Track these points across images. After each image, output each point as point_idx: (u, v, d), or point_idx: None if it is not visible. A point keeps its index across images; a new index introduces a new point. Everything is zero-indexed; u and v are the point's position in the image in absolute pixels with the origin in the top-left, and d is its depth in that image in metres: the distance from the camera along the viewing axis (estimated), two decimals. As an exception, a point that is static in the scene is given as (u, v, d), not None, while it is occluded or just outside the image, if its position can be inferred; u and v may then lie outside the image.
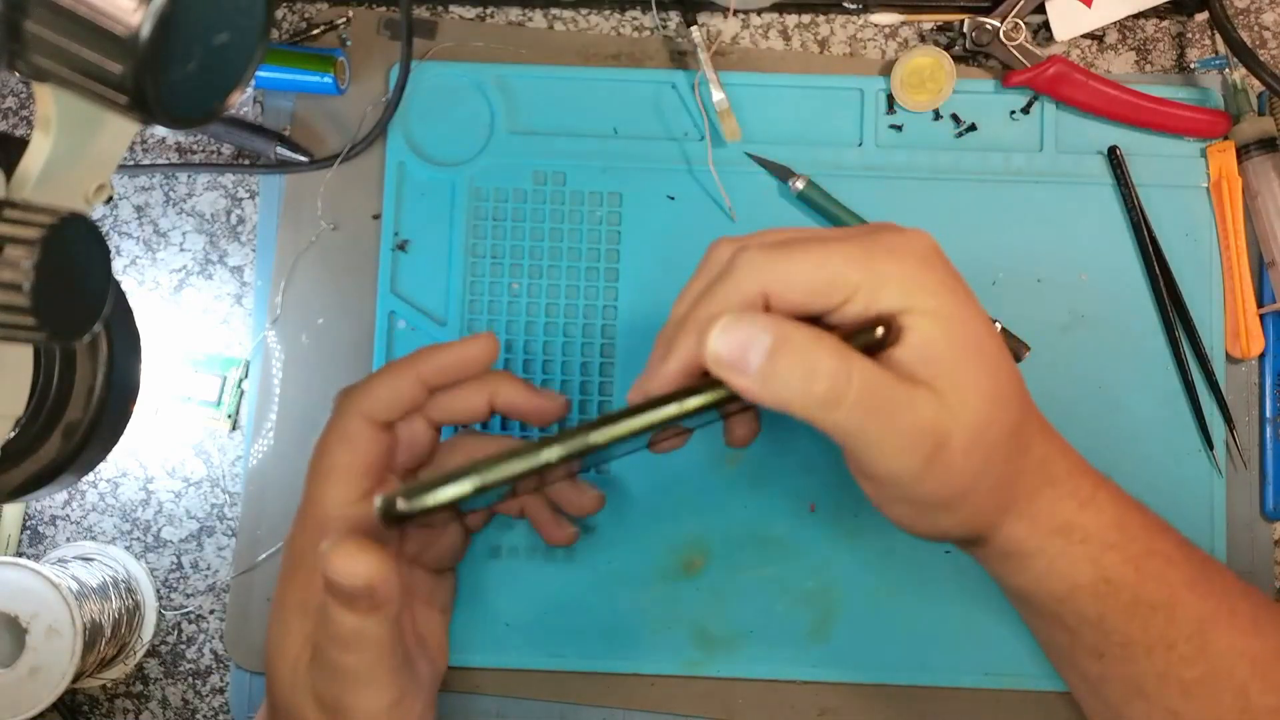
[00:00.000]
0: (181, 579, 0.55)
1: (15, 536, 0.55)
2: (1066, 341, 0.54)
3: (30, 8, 0.28)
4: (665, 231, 0.55)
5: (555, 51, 0.57)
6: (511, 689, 0.53)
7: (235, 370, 0.55)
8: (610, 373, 0.55)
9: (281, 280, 0.55)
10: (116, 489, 0.56)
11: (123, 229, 0.57)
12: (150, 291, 0.56)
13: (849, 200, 0.54)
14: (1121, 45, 0.57)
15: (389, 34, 0.57)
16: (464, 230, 0.55)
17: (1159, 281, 0.54)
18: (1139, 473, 0.53)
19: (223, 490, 0.56)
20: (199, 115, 0.31)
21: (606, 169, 0.55)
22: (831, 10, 0.57)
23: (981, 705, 0.53)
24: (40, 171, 0.33)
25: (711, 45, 0.55)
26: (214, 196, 0.57)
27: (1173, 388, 0.54)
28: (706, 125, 0.55)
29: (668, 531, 0.54)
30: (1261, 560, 0.54)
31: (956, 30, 0.56)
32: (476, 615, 0.53)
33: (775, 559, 0.53)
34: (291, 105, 0.56)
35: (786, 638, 0.53)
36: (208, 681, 0.55)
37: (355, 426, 0.45)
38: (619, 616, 0.53)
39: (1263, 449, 0.54)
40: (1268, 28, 0.57)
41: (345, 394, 0.46)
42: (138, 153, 0.57)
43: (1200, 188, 0.55)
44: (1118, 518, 0.42)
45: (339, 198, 0.56)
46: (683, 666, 0.53)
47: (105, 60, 0.28)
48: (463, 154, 0.56)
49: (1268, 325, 0.54)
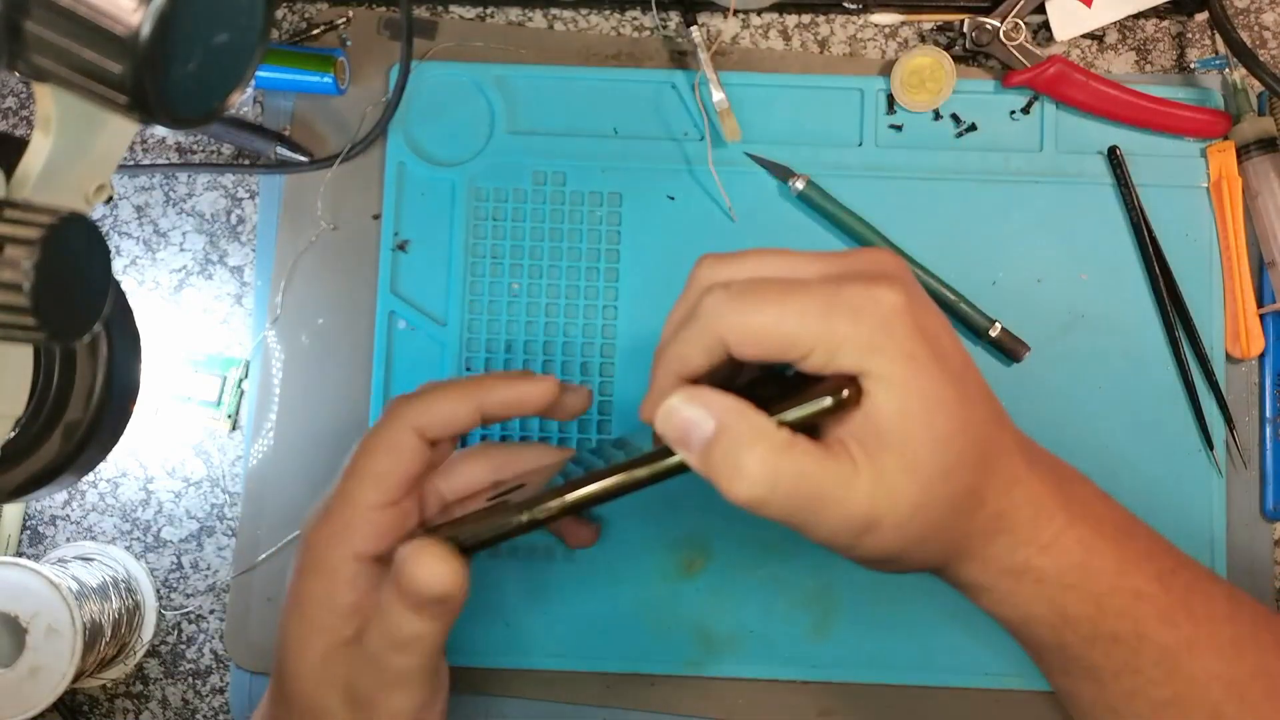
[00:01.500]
0: (181, 579, 0.55)
1: (15, 536, 0.55)
2: (1066, 341, 0.54)
3: (30, 8, 0.28)
4: (665, 231, 0.55)
5: (555, 51, 0.57)
6: (511, 689, 0.53)
7: (235, 370, 0.55)
8: (610, 373, 0.55)
9: (281, 280, 0.55)
10: (116, 489, 0.56)
11: (123, 229, 0.57)
12: (150, 291, 0.56)
13: (849, 200, 0.54)
14: (1121, 45, 0.57)
15: (389, 34, 0.57)
16: (464, 230, 0.55)
17: (1159, 281, 0.54)
18: (1139, 473, 0.53)
19: (223, 490, 0.56)
20: (199, 115, 0.31)
21: (606, 169, 0.55)
22: (831, 10, 0.57)
23: (981, 705, 0.53)
24: (40, 171, 0.33)
25: (711, 45, 0.55)
26: (214, 196, 0.57)
27: (1173, 388, 0.54)
28: (706, 125, 0.55)
29: (668, 531, 0.54)
30: (1261, 560, 0.54)
31: (956, 30, 0.56)
32: (477, 615, 0.53)
33: (775, 559, 0.53)
34: (291, 105, 0.56)
35: (786, 638, 0.53)
36: (208, 681, 0.55)
37: (405, 438, 0.45)
38: (619, 616, 0.53)
39: (1263, 449, 0.54)
40: (1268, 28, 0.57)
41: (401, 403, 0.46)
42: (138, 153, 0.57)
43: (1200, 188, 0.55)
44: (1082, 560, 0.41)
45: (339, 198, 0.56)
46: (683, 666, 0.53)
47: (105, 60, 0.28)
48: (463, 154, 0.56)
49: (1268, 325, 0.54)
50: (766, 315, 0.38)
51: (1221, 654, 0.42)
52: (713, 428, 0.38)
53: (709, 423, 0.38)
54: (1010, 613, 0.42)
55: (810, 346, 0.38)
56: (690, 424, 0.38)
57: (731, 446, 0.37)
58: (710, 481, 0.38)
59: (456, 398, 0.45)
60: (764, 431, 0.38)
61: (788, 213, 0.55)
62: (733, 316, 0.39)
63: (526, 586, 0.54)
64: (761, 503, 0.37)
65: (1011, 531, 0.41)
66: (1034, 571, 0.41)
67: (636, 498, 0.53)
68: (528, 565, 0.54)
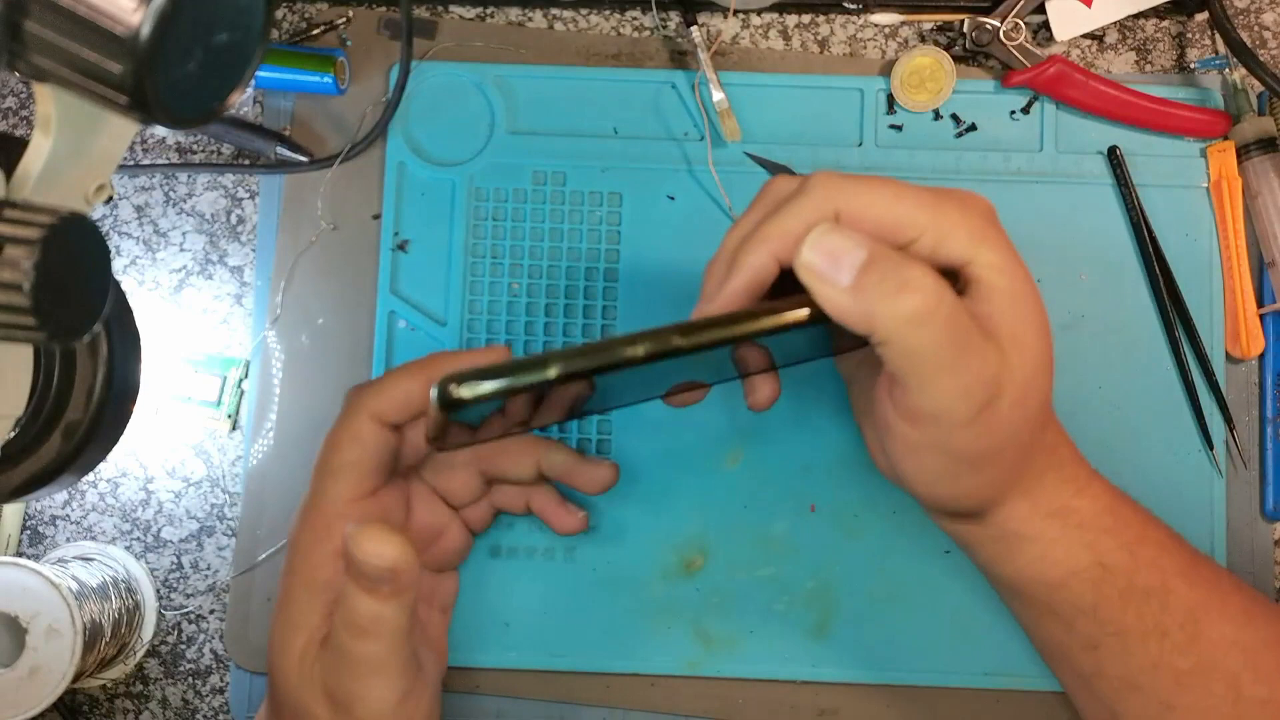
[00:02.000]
0: (181, 579, 0.55)
1: (15, 536, 0.55)
2: (1066, 341, 0.54)
3: (30, 8, 0.28)
4: (665, 231, 0.55)
5: (555, 51, 0.57)
6: (511, 689, 0.53)
7: (235, 370, 0.55)
8: (610, 373, 0.55)
9: (281, 280, 0.55)
10: (116, 489, 0.56)
11: (123, 229, 0.57)
12: (150, 291, 0.56)
13: (849, 200, 0.54)
14: (1121, 45, 0.57)
15: (389, 34, 0.57)
16: (464, 230, 0.55)
17: (1159, 281, 0.54)
18: (1139, 473, 0.53)
19: (223, 490, 0.56)
20: (199, 115, 0.31)
21: (606, 169, 0.55)
22: (831, 10, 0.57)
23: (981, 705, 0.53)
24: (40, 171, 0.33)
25: (711, 45, 0.55)
26: (214, 196, 0.57)
27: (1173, 388, 0.54)
28: (706, 125, 0.55)
29: (668, 531, 0.54)
30: (1261, 560, 0.54)
31: (956, 30, 0.56)
32: (476, 615, 0.53)
33: (775, 559, 0.53)
34: (291, 105, 0.56)
35: (786, 638, 0.53)
36: (208, 681, 0.55)
37: (365, 426, 0.45)
38: (619, 616, 0.53)
39: (1263, 449, 0.54)
40: (1268, 28, 0.57)
41: (356, 392, 0.46)
42: (138, 153, 0.57)
43: (1200, 188, 0.55)
44: (1111, 505, 0.43)
45: (339, 198, 0.56)
46: (683, 666, 0.53)
47: (105, 60, 0.28)
48: (463, 154, 0.56)
49: (1268, 325, 0.54)
50: (886, 194, 0.39)
51: (1236, 620, 0.43)
52: (865, 254, 0.37)
53: (860, 250, 0.37)
54: (1052, 570, 0.43)
55: (923, 228, 0.38)
56: (841, 251, 0.37)
57: (890, 266, 0.36)
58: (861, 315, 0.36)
59: (407, 377, 0.46)
60: (918, 259, 0.38)
61: (788, 213, 0.55)
62: (850, 191, 0.39)
63: (526, 586, 0.54)
64: (929, 315, 0.36)
65: (1059, 468, 0.43)
66: (1075, 514, 0.42)
67: (636, 497, 0.54)
68: (528, 565, 0.54)
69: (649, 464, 0.54)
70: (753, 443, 0.54)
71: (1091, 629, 0.43)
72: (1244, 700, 0.42)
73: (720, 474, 0.54)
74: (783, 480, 0.54)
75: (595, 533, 0.54)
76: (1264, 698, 0.43)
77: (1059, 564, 0.43)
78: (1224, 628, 0.43)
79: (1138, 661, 0.43)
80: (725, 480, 0.54)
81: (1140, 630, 0.43)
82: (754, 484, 0.54)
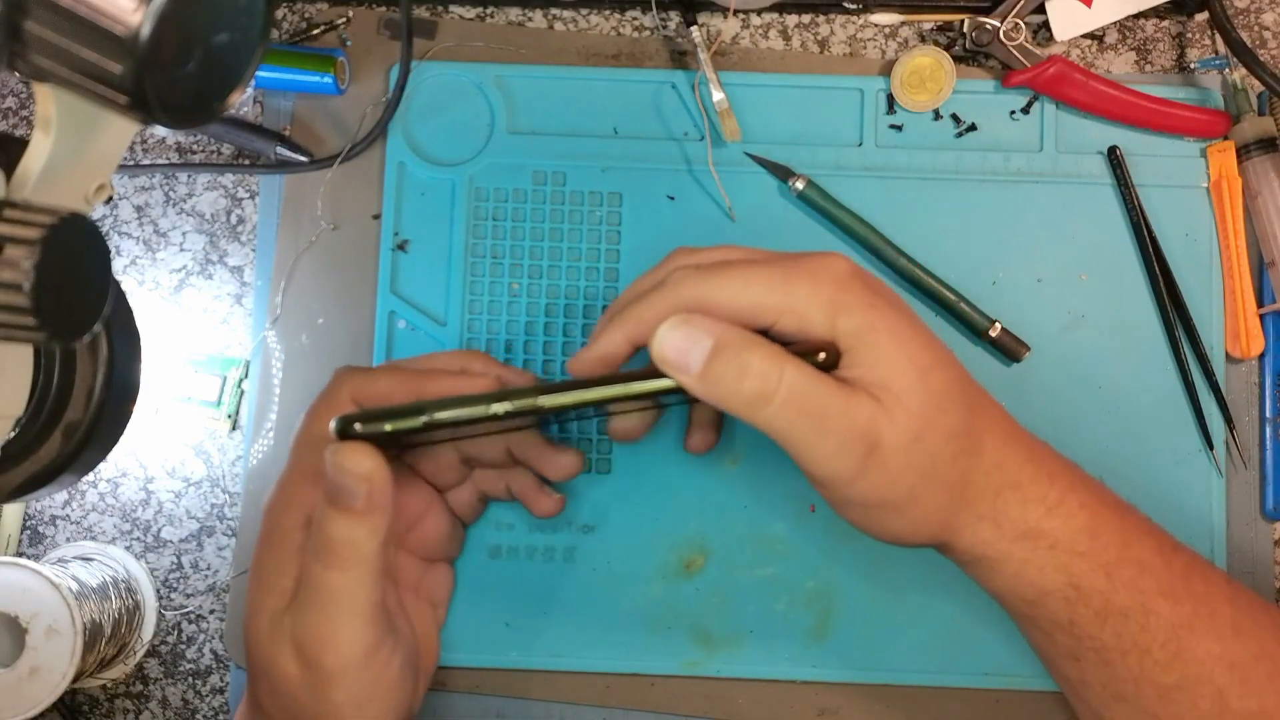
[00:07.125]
0: (181, 579, 0.55)
1: (15, 536, 0.55)
2: (1066, 341, 0.54)
3: (30, 8, 0.28)
4: (665, 231, 0.55)
5: (555, 51, 0.57)
6: (511, 689, 0.53)
7: (235, 370, 0.55)
8: (610, 373, 0.55)
9: (281, 280, 0.55)
10: (116, 489, 0.56)
11: (123, 229, 0.57)
12: (150, 291, 0.56)
13: (849, 200, 0.54)
14: (1121, 45, 0.57)
15: (389, 34, 0.57)
16: (464, 230, 0.55)
17: (1159, 281, 0.54)
18: (1139, 473, 0.53)
19: (223, 490, 0.56)
20: (199, 115, 0.31)
21: (606, 169, 0.55)
22: (831, 10, 0.57)
23: (981, 705, 0.53)
24: (40, 171, 0.33)
25: (711, 45, 0.56)
26: (214, 196, 0.57)
27: (1173, 388, 0.54)
28: (706, 125, 0.55)
29: (668, 531, 0.54)
30: (1261, 560, 0.54)
31: (956, 30, 0.56)
32: (476, 615, 0.53)
33: (775, 559, 0.53)
34: (291, 105, 0.56)
35: (786, 638, 0.53)
36: (208, 681, 0.55)
37: (345, 405, 0.46)
38: (619, 616, 0.53)
39: (1263, 449, 0.54)
40: (1268, 28, 0.57)
41: (345, 372, 0.47)
42: (138, 153, 0.57)
43: (1200, 188, 0.55)
44: (1089, 524, 0.42)
45: (339, 198, 0.56)
46: (683, 666, 0.53)
47: (105, 60, 0.28)
48: (463, 154, 0.56)
49: (1268, 325, 0.54)
50: (734, 286, 0.41)
51: (1222, 635, 0.43)
52: (711, 344, 0.39)
53: (706, 340, 0.39)
54: (1025, 589, 0.43)
55: (778, 310, 0.40)
56: (691, 340, 0.39)
57: (734, 354, 0.39)
58: (712, 399, 0.39)
59: (399, 380, 0.46)
60: (763, 340, 0.40)
61: (788, 213, 0.55)
62: (701, 285, 0.41)
63: (526, 586, 0.54)
64: (767, 398, 0.38)
65: (1018, 487, 0.42)
66: (1046, 536, 0.42)
67: (636, 498, 0.54)
68: (527, 565, 0.54)
69: (649, 464, 0.54)
70: (753, 443, 0.54)
71: (1071, 642, 0.43)
72: (1232, 713, 0.42)
73: (720, 474, 0.54)
74: (783, 480, 0.54)
75: (595, 533, 0.54)
76: (1252, 710, 0.42)
77: (1032, 584, 0.42)
78: (1210, 644, 0.42)
79: (1119, 675, 0.43)
80: (725, 480, 0.54)
81: (1119, 648, 0.42)
82: (754, 484, 0.54)
